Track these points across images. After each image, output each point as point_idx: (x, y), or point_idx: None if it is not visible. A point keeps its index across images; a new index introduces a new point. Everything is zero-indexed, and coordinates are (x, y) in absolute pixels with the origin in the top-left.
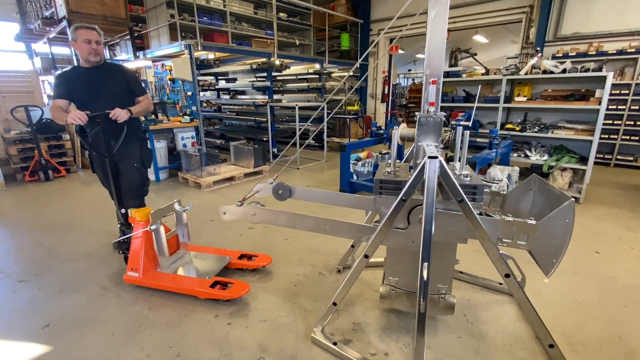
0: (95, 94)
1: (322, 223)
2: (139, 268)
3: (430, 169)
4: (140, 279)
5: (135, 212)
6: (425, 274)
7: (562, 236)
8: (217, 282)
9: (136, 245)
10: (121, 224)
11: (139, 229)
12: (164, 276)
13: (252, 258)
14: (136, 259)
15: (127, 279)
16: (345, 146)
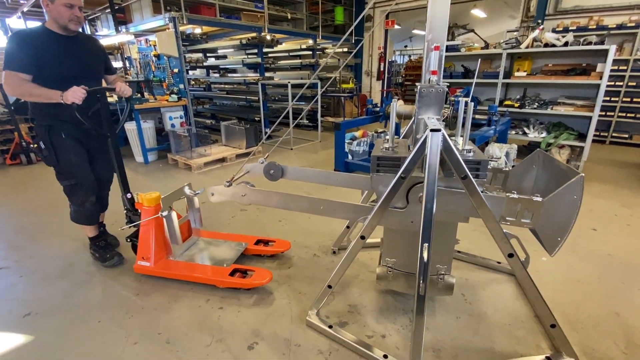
0: (74, 70)
1: (316, 204)
2: (150, 257)
3: (433, 143)
4: (152, 268)
5: (143, 197)
6: (426, 255)
7: (569, 214)
8: (236, 269)
9: (146, 233)
10: (127, 210)
11: (148, 215)
12: (178, 265)
13: (268, 243)
14: (146, 247)
15: (137, 268)
16: (340, 124)
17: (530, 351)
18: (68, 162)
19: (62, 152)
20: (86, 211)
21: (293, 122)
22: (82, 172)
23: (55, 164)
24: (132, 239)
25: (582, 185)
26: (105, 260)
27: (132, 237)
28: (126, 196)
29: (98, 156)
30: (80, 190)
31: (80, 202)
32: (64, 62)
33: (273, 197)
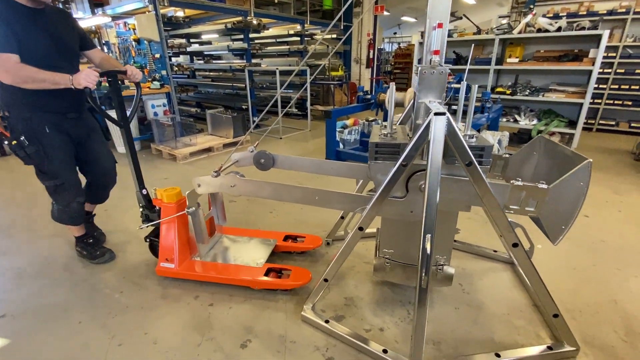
0: (48, 48)
1: (310, 194)
2: (174, 258)
3: (437, 127)
4: (178, 270)
5: (163, 192)
6: (429, 247)
7: (574, 201)
8: (270, 269)
9: (168, 232)
10: (143, 208)
11: (169, 212)
12: (205, 265)
13: (297, 239)
14: (169, 247)
15: (160, 271)
16: (331, 112)
17: (531, 341)
18: (54, 161)
19: (48, 149)
20: (72, 211)
21: (282, 111)
22: (68, 172)
23: (38, 163)
24: (151, 238)
25: (590, 172)
26: (94, 258)
27: (151, 237)
28: (142, 192)
29: (92, 147)
30: (65, 191)
31: (65, 202)
32: (37, 38)
33: (265, 187)
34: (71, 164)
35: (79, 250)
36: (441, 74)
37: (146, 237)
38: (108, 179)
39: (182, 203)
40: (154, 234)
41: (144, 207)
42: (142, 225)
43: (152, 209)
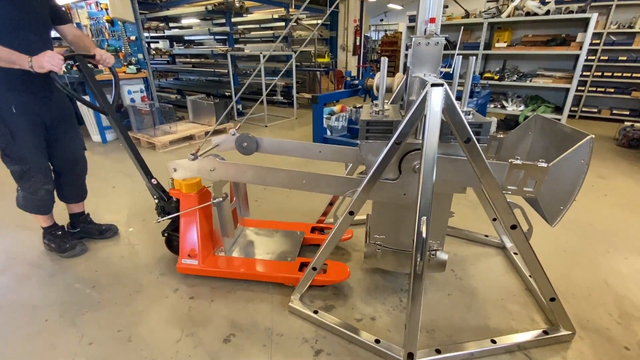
0: (16, 16)
1: (297, 177)
2: (197, 254)
3: (434, 99)
4: (202, 267)
5: (181, 182)
6: (424, 230)
7: (574, 180)
8: (303, 263)
9: (190, 225)
10: (158, 199)
11: (190, 203)
12: (232, 261)
13: (323, 231)
14: (192, 242)
15: (182, 268)
16: (318, 97)
17: (526, 326)
18: (20, 144)
19: (14, 131)
20: (39, 200)
21: (269, 101)
22: (36, 156)
23: (3, 147)
24: (169, 233)
25: (591, 148)
26: (64, 251)
27: (169, 231)
28: (151, 183)
29: (63, 130)
30: (33, 177)
31: (32, 189)
32: (0, 4)
33: (247, 170)
34: (40, 148)
35: (47, 242)
36: (437, 44)
37: (164, 232)
38: (78, 166)
39: (203, 193)
40: (173, 227)
41: (159, 199)
42: (158, 218)
43: (168, 199)
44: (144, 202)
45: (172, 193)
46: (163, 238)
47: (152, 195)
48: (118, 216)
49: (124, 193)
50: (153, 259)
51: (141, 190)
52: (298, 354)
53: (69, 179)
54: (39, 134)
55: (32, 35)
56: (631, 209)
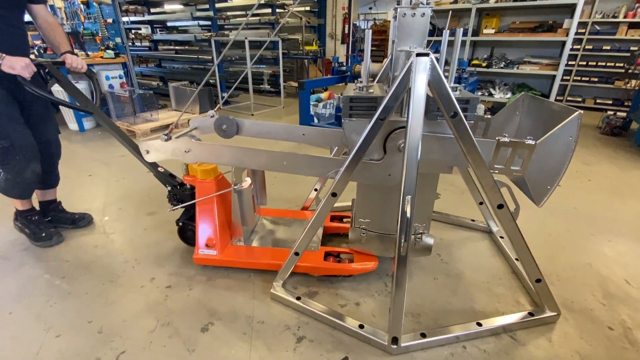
0: None
1: (278, 158)
2: (216, 244)
3: (419, 70)
4: (221, 258)
5: (196, 168)
6: (409, 210)
7: (562, 158)
8: (327, 252)
9: (207, 214)
10: (172, 187)
11: (206, 190)
12: (252, 251)
13: (343, 220)
14: (210, 232)
15: (200, 259)
16: (304, 83)
17: (511, 308)
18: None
19: None
20: (23, 181)
21: (255, 90)
22: (19, 130)
23: None
24: (184, 222)
25: (579, 124)
26: (38, 240)
27: (183, 220)
28: (157, 170)
29: (36, 110)
30: (17, 155)
31: (17, 169)
32: None
33: (225, 152)
34: (20, 121)
35: (20, 226)
36: (423, 15)
37: (178, 221)
38: (51, 149)
39: (220, 180)
40: (187, 216)
41: (172, 187)
42: (172, 207)
43: (180, 185)
44: (121, 190)
45: (187, 180)
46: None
47: (164, 184)
48: (93, 205)
49: (100, 181)
50: (129, 248)
51: (119, 179)
52: (279, 341)
53: (46, 163)
54: (14, 106)
55: (2, 10)
56: (614, 194)
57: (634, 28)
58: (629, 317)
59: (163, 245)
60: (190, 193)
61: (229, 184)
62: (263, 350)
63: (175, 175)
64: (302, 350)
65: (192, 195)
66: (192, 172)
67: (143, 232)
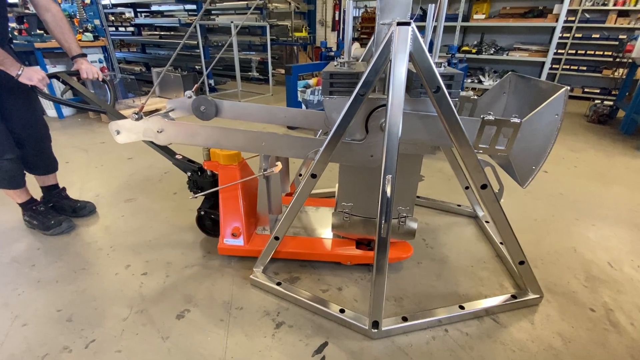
0: None
1: (256, 139)
2: (242, 233)
3: (400, 40)
4: (248, 247)
5: (219, 153)
6: (389, 190)
7: (547, 136)
8: (359, 240)
9: (231, 201)
10: (192, 173)
11: (233, 176)
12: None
13: None
14: (236, 220)
15: (224, 249)
16: (292, 68)
17: (495, 291)
18: None
19: None
20: (4, 172)
21: (242, 77)
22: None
23: None
24: (206, 210)
25: (566, 101)
26: (48, 228)
27: (205, 209)
28: (176, 159)
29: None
30: None
31: None
32: None
33: (200, 132)
34: None
35: (28, 220)
36: None
37: (200, 209)
38: (38, 132)
39: (244, 165)
40: (209, 204)
41: (192, 173)
42: (194, 195)
43: (201, 173)
44: (99, 177)
45: (208, 165)
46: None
47: (183, 170)
48: (69, 192)
49: (78, 168)
50: (104, 235)
51: (97, 166)
52: (258, 327)
53: (32, 147)
54: None
55: None
56: (599, 180)
57: (623, 16)
58: (611, 299)
59: (140, 232)
60: (212, 180)
61: (250, 170)
62: (240, 337)
63: (194, 161)
64: (281, 335)
65: (214, 182)
66: (214, 158)
67: (120, 219)
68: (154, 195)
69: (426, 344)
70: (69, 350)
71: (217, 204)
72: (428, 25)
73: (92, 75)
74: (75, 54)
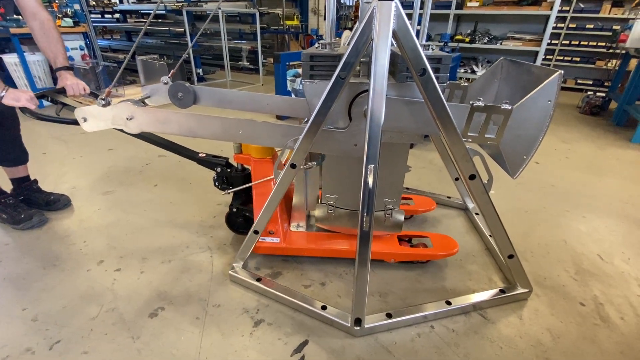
0: None
1: (233, 126)
2: (278, 230)
3: (383, 17)
4: (285, 246)
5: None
6: (371, 180)
7: (539, 124)
8: (400, 237)
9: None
10: (220, 169)
11: (268, 170)
12: (319, 238)
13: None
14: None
15: (262, 247)
16: (280, 56)
17: (483, 285)
18: None
19: None
20: None
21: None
22: None
23: None
24: (239, 207)
25: (559, 86)
26: (18, 222)
27: (237, 205)
28: (199, 156)
29: None
30: None
31: None
32: None
33: (173, 119)
34: None
35: None
36: None
37: (232, 206)
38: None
39: (276, 158)
40: (242, 201)
41: (221, 168)
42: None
43: (229, 167)
44: (77, 169)
45: (239, 159)
46: None
47: (211, 168)
48: (43, 185)
49: (55, 160)
50: (78, 229)
51: (75, 157)
52: (235, 326)
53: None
54: None
55: None
56: (591, 171)
57: (617, 6)
58: (601, 293)
59: (117, 226)
60: (243, 175)
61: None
62: (216, 336)
63: (219, 156)
64: (259, 334)
65: (245, 177)
66: (246, 151)
67: (96, 213)
68: (133, 187)
69: (411, 341)
70: (32, 352)
71: (248, 200)
72: (415, 8)
73: (78, 92)
74: (60, 66)
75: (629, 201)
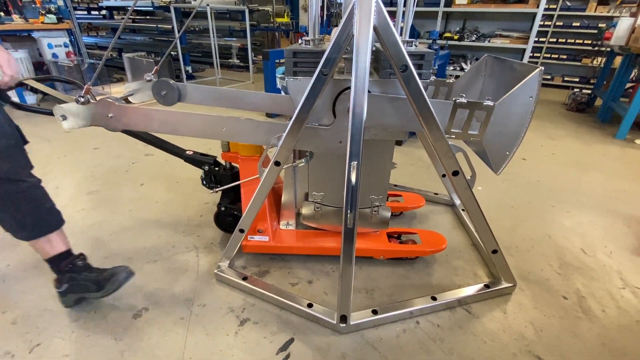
0: None
1: (215, 124)
2: (267, 228)
3: (363, 13)
4: (274, 244)
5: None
6: (354, 177)
7: (521, 120)
8: (389, 234)
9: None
10: (209, 167)
11: (255, 168)
12: (307, 235)
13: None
14: (260, 215)
15: (250, 246)
16: (269, 53)
17: (468, 281)
18: None
19: None
20: None
21: (222, 64)
22: None
23: None
24: (226, 206)
25: (540, 82)
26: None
27: (225, 204)
28: (186, 153)
29: None
30: None
31: None
32: None
33: (154, 116)
34: None
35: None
36: None
37: (221, 204)
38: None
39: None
40: (229, 199)
41: (209, 166)
42: (214, 189)
43: (217, 165)
44: (61, 168)
45: (227, 157)
46: None
47: (199, 166)
48: None
49: (38, 159)
50: None
51: (60, 156)
52: (220, 325)
53: None
54: None
55: None
56: (577, 167)
57: (603, 4)
58: (584, 286)
59: (102, 226)
60: (231, 173)
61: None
62: (200, 336)
63: (207, 154)
64: (245, 333)
65: (233, 175)
66: (234, 149)
67: (79, 213)
68: (119, 186)
69: (396, 337)
70: (11, 356)
71: (237, 198)
72: (399, 4)
73: None
74: None
75: (613, 196)
